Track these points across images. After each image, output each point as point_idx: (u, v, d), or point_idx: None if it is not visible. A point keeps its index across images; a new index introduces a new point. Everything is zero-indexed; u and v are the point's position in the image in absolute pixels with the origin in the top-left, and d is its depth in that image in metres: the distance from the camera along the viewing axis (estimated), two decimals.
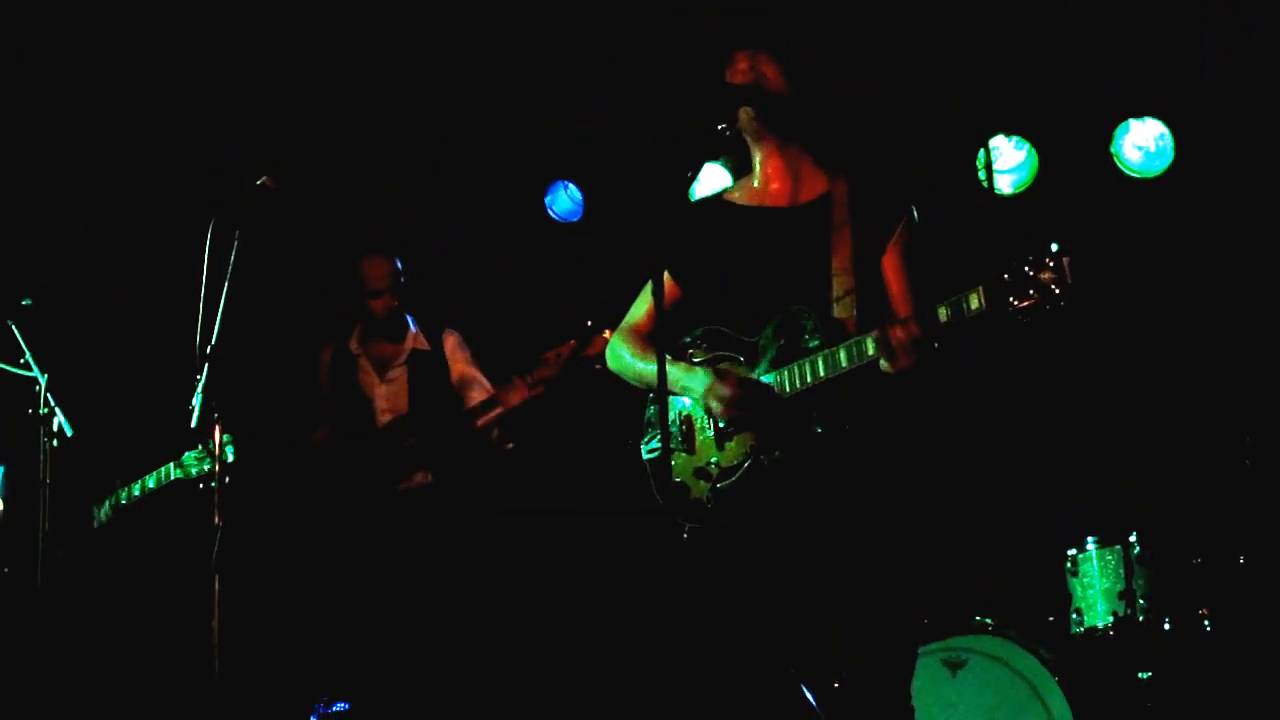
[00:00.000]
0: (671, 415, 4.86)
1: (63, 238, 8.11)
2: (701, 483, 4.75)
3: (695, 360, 4.82)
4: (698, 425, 4.81)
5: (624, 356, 5.00)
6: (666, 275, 4.83)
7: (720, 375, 4.67)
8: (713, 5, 7.14)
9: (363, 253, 7.29)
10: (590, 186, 8.81)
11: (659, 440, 4.83)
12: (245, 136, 8.00)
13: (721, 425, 4.73)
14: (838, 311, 4.61)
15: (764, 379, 4.65)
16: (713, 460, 4.75)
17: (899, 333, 4.35)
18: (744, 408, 4.63)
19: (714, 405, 4.66)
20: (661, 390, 4.36)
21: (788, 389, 4.60)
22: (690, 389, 4.75)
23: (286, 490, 7.18)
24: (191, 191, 7.53)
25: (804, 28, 4.85)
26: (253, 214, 5.36)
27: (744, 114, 4.75)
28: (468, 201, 8.67)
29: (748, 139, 4.84)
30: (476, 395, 7.16)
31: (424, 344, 7.35)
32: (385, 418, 7.21)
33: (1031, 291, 4.10)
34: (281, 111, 8.20)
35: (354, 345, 7.36)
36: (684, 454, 4.82)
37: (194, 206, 5.57)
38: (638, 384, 4.97)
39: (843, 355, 4.49)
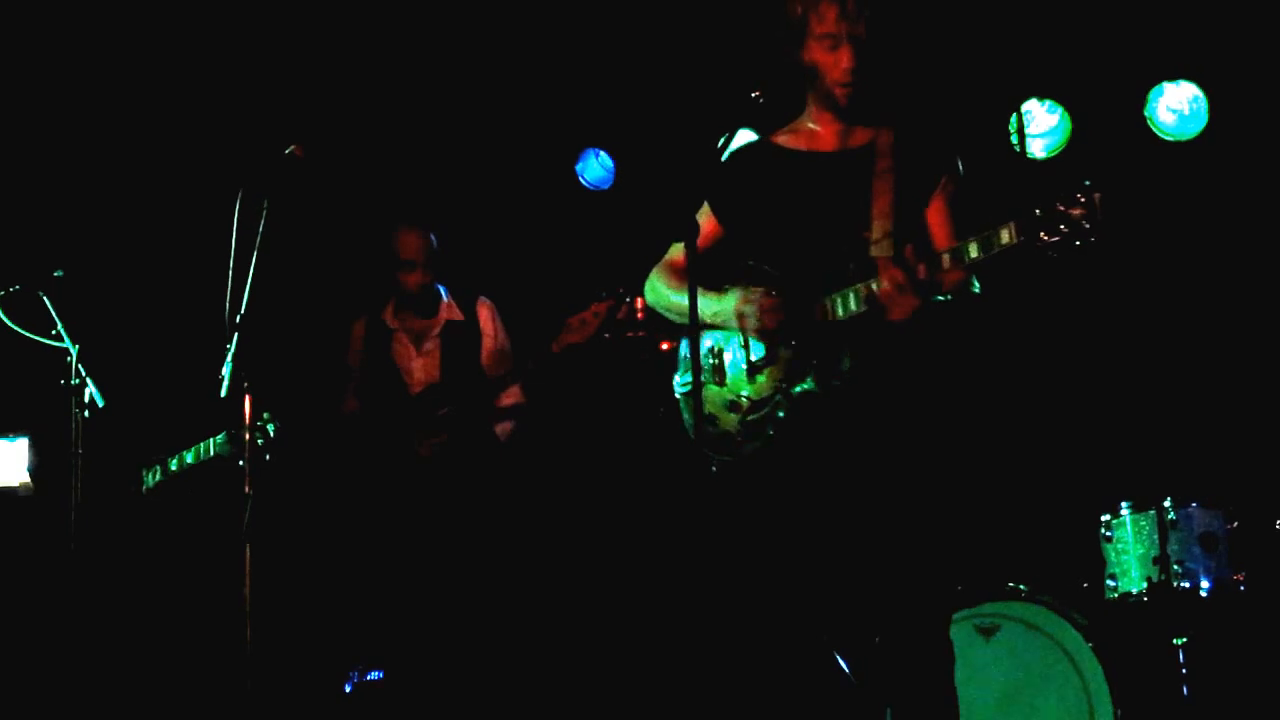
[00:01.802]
0: (704, 348, 4.92)
1: (93, 208, 8.12)
2: (731, 415, 4.81)
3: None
4: (729, 358, 4.86)
5: (660, 289, 5.08)
6: (707, 211, 4.93)
7: (750, 291, 4.72)
8: None
9: (396, 225, 7.27)
10: (621, 154, 8.79)
11: (689, 376, 4.90)
12: (274, 105, 8.00)
13: (756, 337, 4.77)
14: (875, 252, 4.62)
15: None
16: (743, 393, 4.80)
17: (886, 284, 4.41)
18: (779, 312, 4.67)
19: (747, 311, 4.71)
20: (693, 320, 4.42)
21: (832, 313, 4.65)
22: (721, 311, 4.80)
23: (319, 460, 7.18)
24: (220, 160, 7.53)
25: None
26: (282, 182, 5.35)
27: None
28: (498, 170, 8.65)
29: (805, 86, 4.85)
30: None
31: (457, 314, 7.33)
32: (419, 390, 7.21)
33: (1062, 226, 4.12)
34: (311, 80, 8.19)
35: (390, 319, 7.34)
36: (715, 386, 4.88)
37: (223, 175, 5.58)
38: (674, 317, 5.02)
39: (852, 296, 4.56)
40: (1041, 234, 4.17)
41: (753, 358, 4.80)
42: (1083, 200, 4.11)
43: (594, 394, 8.07)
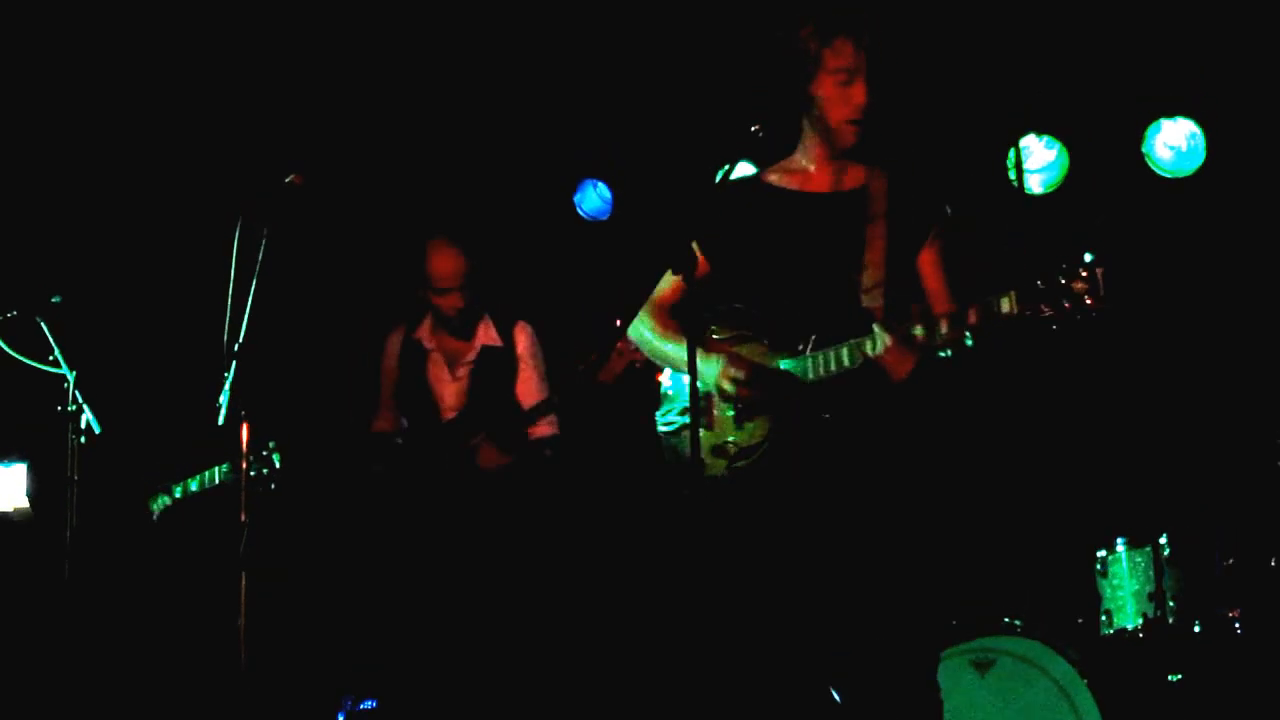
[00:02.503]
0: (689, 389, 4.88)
1: (92, 235, 8.13)
2: (719, 460, 4.78)
3: (715, 337, 4.84)
4: (717, 402, 4.82)
5: (644, 333, 4.99)
6: (695, 249, 4.86)
7: (733, 358, 4.68)
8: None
9: (429, 240, 7.11)
10: (619, 185, 8.79)
11: (674, 414, 4.92)
12: (274, 134, 8.01)
13: (734, 408, 4.75)
14: (866, 301, 4.62)
15: (783, 365, 4.68)
16: (730, 439, 4.77)
17: (883, 349, 4.39)
18: (757, 390, 4.65)
19: (727, 387, 4.68)
20: (692, 366, 4.36)
21: (809, 376, 4.62)
22: (703, 373, 4.72)
23: (317, 485, 7.15)
24: (220, 188, 7.53)
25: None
26: (281, 211, 5.35)
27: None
28: (496, 200, 8.65)
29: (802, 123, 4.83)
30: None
31: (495, 339, 7.19)
32: (450, 415, 7.12)
33: (1064, 300, 4.11)
34: (310, 109, 8.21)
35: (426, 338, 7.21)
36: (703, 430, 4.83)
37: (222, 204, 5.58)
38: (657, 360, 4.99)
39: (845, 354, 4.53)
40: (1042, 306, 4.17)
41: (734, 408, 4.79)
42: (1085, 275, 4.10)
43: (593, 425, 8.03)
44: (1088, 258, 4.11)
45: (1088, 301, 4.09)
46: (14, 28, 7.79)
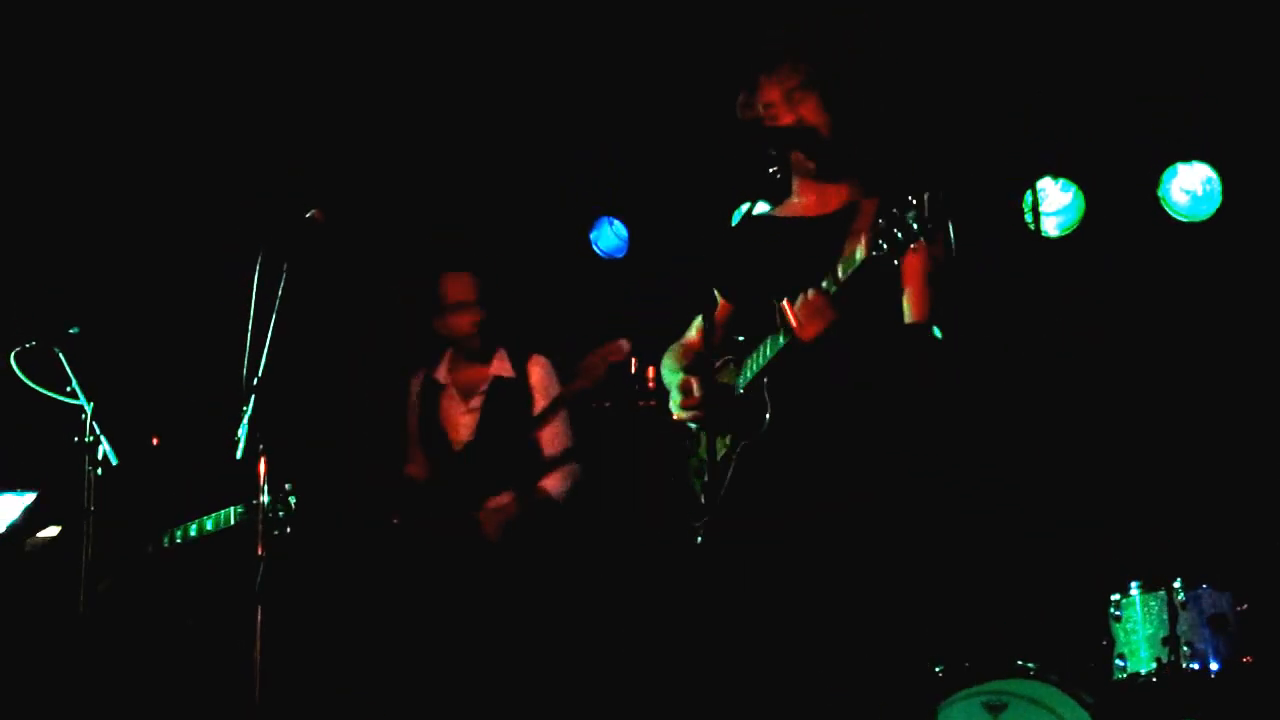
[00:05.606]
0: None
1: (110, 266, 8.15)
2: (697, 480, 4.85)
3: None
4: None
5: (665, 371, 5.05)
6: (715, 292, 4.96)
7: (685, 382, 4.74)
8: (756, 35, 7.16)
9: (441, 269, 7.19)
10: (636, 222, 8.81)
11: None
12: (296, 169, 8.04)
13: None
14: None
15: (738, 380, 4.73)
16: (704, 457, 4.81)
17: (789, 305, 4.40)
18: (697, 410, 4.71)
19: (678, 412, 4.79)
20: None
21: (740, 384, 4.66)
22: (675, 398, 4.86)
23: (339, 521, 7.15)
24: (241, 222, 7.56)
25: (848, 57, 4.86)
26: (302, 246, 5.37)
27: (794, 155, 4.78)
28: (512, 237, 8.67)
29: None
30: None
31: (508, 370, 7.20)
32: (461, 447, 7.09)
33: (897, 231, 4.13)
34: (332, 145, 8.24)
35: (442, 374, 7.26)
36: (695, 458, 4.93)
37: (243, 237, 5.61)
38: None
39: (768, 343, 4.54)
40: (881, 242, 4.17)
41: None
42: (914, 202, 4.10)
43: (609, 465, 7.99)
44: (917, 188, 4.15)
45: (915, 226, 4.09)
46: (38, 58, 7.84)
